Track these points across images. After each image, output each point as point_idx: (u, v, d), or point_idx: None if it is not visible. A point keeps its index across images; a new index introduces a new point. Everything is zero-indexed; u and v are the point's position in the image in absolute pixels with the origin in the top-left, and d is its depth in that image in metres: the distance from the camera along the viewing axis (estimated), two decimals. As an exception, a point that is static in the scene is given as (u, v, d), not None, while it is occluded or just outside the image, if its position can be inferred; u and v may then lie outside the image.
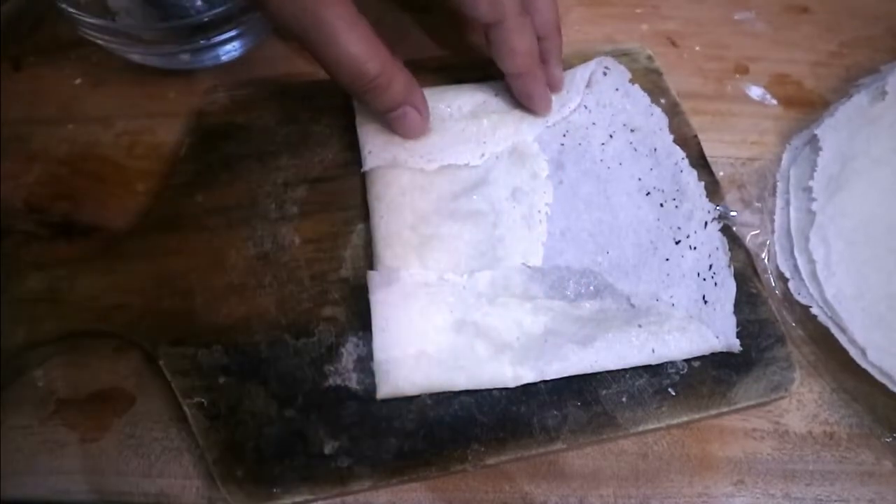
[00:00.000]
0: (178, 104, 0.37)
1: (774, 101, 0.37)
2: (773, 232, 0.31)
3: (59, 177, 0.35)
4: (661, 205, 0.31)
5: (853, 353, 0.27)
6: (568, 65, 0.37)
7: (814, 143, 0.33)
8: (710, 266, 0.29)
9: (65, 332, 0.29)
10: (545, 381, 0.26)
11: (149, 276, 0.30)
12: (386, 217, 0.30)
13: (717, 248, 0.29)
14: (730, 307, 0.28)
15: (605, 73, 0.35)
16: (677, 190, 0.31)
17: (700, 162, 0.33)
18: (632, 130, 0.33)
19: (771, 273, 0.30)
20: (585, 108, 0.34)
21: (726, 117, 0.37)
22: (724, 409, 0.26)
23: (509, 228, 0.30)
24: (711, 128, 0.35)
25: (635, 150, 0.33)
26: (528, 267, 0.29)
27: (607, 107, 0.34)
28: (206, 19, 0.34)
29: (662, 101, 0.36)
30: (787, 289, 0.29)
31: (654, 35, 0.41)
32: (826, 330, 0.27)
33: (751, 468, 0.26)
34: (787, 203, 0.32)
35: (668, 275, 0.29)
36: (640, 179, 0.32)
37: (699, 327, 0.27)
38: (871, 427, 0.27)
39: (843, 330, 0.27)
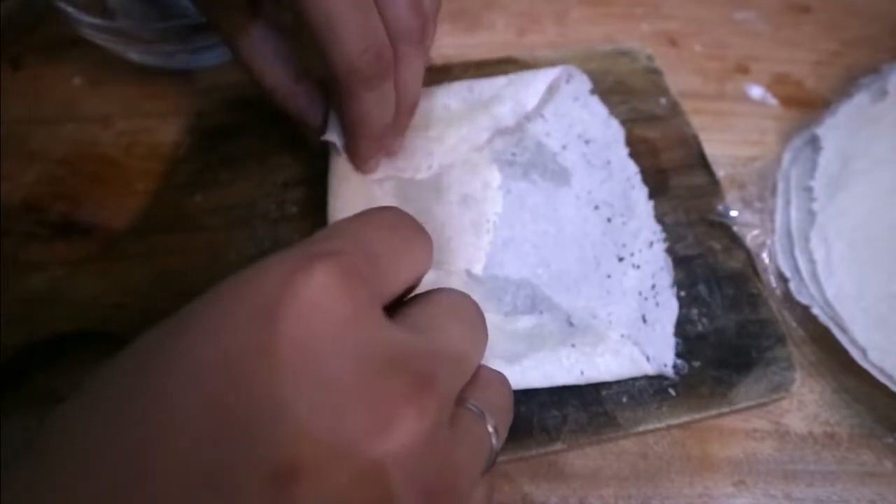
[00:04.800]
0: (177, 104, 0.37)
1: (775, 101, 0.37)
2: (773, 232, 0.31)
3: (58, 177, 0.35)
4: (609, 220, 0.30)
5: (854, 353, 0.26)
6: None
7: (814, 143, 0.33)
8: (653, 286, 0.28)
9: (65, 332, 0.29)
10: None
11: (149, 276, 0.30)
12: (339, 213, 0.29)
13: (662, 269, 0.29)
14: (670, 328, 0.27)
15: (567, 81, 0.35)
16: (627, 206, 0.31)
17: (700, 162, 0.33)
18: (586, 142, 0.33)
19: (771, 273, 0.30)
20: (542, 117, 0.33)
21: (727, 117, 0.37)
22: (725, 410, 0.26)
23: (457, 232, 0.29)
24: (712, 127, 0.35)
25: (588, 162, 0.32)
26: (468, 273, 0.28)
27: (564, 117, 0.34)
28: (205, 19, 0.34)
29: (662, 100, 0.36)
30: (788, 289, 0.29)
31: (654, 35, 0.41)
32: (827, 330, 0.27)
33: (751, 469, 0.26)
34: (788, 203, 0.31)
35: (608, 292, 0.28)
36: (589, 192, 0.31)
37: (633, 351, 0.26)
38: (872, 427, 0.27)
39: (844, 330, 0.27)
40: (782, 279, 0.29)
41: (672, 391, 0.26)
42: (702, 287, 0.29)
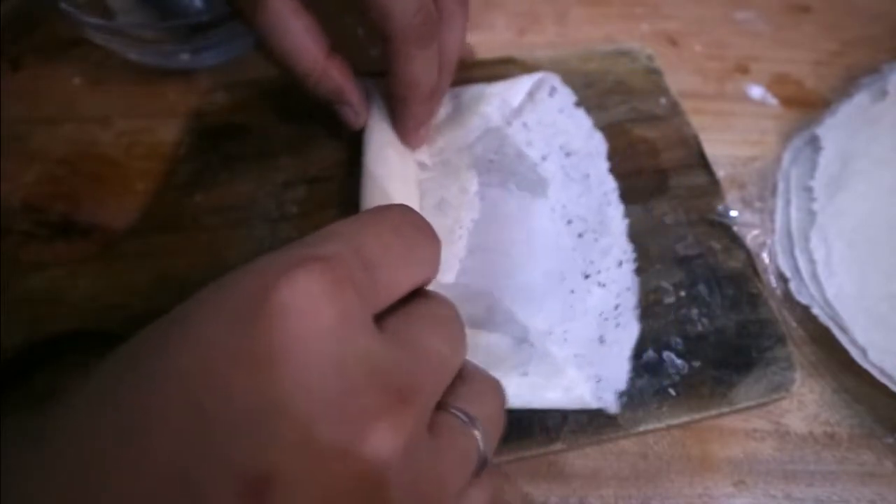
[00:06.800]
0: (177, 104, 0.37)
1: (775, 101, 0.37)
2: (773, 232, 0.31)
3: (58, 176, 0.35)
4: (580, 235, 0.29)
5: (854, 353, 0.26)
6: (567, 66, 0.37)
7: (814, 143, 0.33)
8: (617, 306, 0.27)
9: (65, 332, 0.29)
10: (546, 382, 0.26)
11: (149, 276, 0.30)
12: (374, 198, 0.29)
13: (628, 289, 0.28)
14: (628, 351, 0.26)
15: (550, 94, 0.34)
16: (600, 222, 0.30)
17: (700, 162, 0.33)
18: (567, 154, 0.32)
19: (771, 273, 0.30)
20: (525, 126, 0.33)
21: (727, 117, 0.37)
22: (725, 410, 0.26)
23: None
24: (712, 127, 0.35)
25: (567, 174, 0.31)
26: (437, 282, 0.27)
27: (548, 127, 0.33)
28: (205, 19, 0.34)
29: (662, 100, 0.36)
30: (788, 289, 0.29)
31: (655, 35, 0.41)
32: (827, 330, 0.27)
33: (751, 469, 0.26)
34: (788, 203, 0.31)
35: (570, 307, 0.27)
36: (564, 206, 0.30)
37: (584, 393, 0.25)
38: (873, 428, 0.27)
39: (844, 330, 0.27)
40: (782, 279, 0.30)
41: (672, 391, 0.26)
42: (702, 287, 0.29)
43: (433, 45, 0.27)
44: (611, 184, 0.31)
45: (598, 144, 0.33)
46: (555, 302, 0.27)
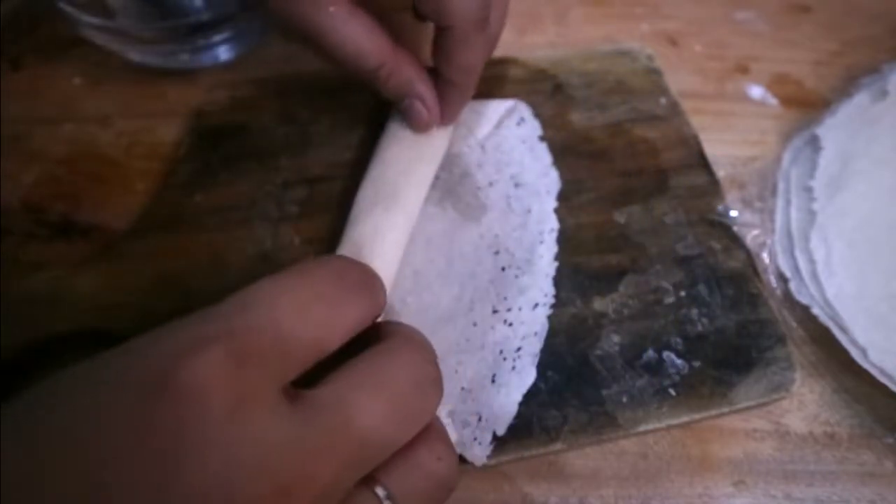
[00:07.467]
0: (177, 104, 0.37)
1: (775, 101, 0.37)
2: (773, 232, 0.31)
3: (57, 177, 0.35)
4: (503, 269, 0.29)
5: (854, 353, 0.26)
6: (567, 66, 0.37)
7: (814, 143, 0.33)
8: (519, 348, 0.26)
9: (65, 332, 0.29)
10: (545, 381, 0.26)
11: (149, 276, 0.30)
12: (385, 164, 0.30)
13: (536, 334, 0.27)
14: (517, 396, 0.25)
15: (518, 124, 0.34)
16: (527, 260, 0.29)
17: (700, 162, 0.33)
18: (516, 185, 0.31)
19: (771, 273, 0.30)
20: (482, 147, 0.32)
21: (727, 117, 0.37)
22: (725, 410, 0.26)
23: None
24: (712, 127, 0.35)
25: (509, 205, 0.31)
26: None
27: (504, 154, 0.32)
28: (205, 19, 0.34)
29: (662, 100, 0.36)
30: (788, 289, 0.29)
31: (655, 35, 0.41)
32: (827, 330, 0.27)
33: (751, 469, 0.26)
34: (788, 203, 0.31)
35: (467, 339, 0.26)
36: (496, 236, 0.30)
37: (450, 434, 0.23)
38: (873, 428, 0.27)
39: (845, 330, 0.27)
40: (782, 279, 0.30)
41: (672, 391, 0.26)
42: (702, 287, 0.29)
43: (487, 27, 0.27)
44: (552, 223, 0.30)
45: (551, 183, 0.32)
46: (453, 331, 0.26)
